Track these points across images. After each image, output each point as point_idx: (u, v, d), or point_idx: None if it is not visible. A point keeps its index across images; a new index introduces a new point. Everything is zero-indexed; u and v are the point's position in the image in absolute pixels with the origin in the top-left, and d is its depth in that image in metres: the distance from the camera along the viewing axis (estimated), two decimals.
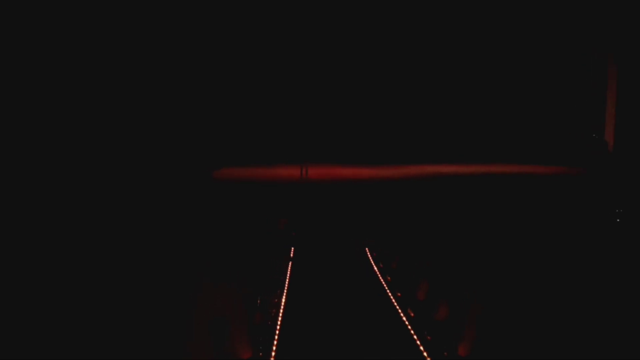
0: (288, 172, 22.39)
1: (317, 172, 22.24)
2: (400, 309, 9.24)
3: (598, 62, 27.40)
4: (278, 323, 8.66)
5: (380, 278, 11.26)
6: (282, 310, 9.27)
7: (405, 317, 8.87)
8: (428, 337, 7.97)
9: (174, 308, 7.69)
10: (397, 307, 9.41)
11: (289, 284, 10.88)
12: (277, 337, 8.10)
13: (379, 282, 11.05)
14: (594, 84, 27.64)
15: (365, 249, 13.64)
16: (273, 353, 7.55)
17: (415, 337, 8.03)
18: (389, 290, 10.35)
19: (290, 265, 12.37)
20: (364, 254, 13.33)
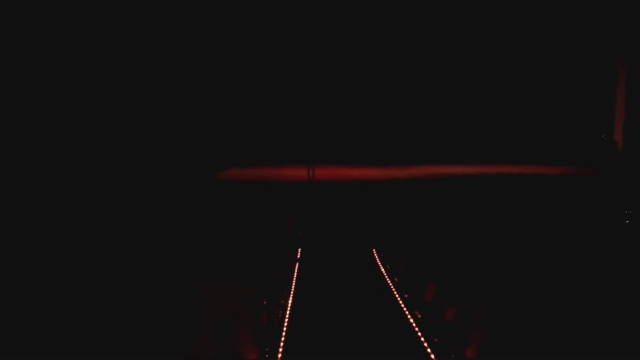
0: (295, 172, 22.37)
1: (324, 172, 22.21)
2: (408, 311, 9.20)
3: (606, 62, 27.20)
4: (285, 324, 8.63)
5: (388, 279, 11.21)
6: (288, 311, 9.24)
7: (413, 318, 8.82)
8: (435, 339, 7.92)
9: (180, 309, 7.68)
10: (404, 308, 9.36)
11: (296, 285, 10.85)
12: (283, 338, 8.07)
13: (386, 283, 11.01)
14: (603, 84, 27.44)
15: (373, 250, 13.59)
16: (279, 355, 7.52)
17: (423, 339, 7.99)
18: (396, 292, 10.30)
19: (297, 266, 12.34)
20: (371, 255, 13.28)
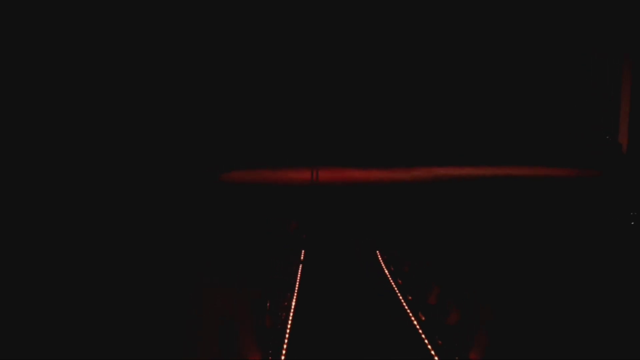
0: (298, 174, 22.36)
1: (327, 174, 22.19)
2: (411, 313, 9.16)
3: (606, 62, 27.12)
4: (288, 326, 8.61)
5: (391, 281, 11.18)
6: (292, 314, 9.22)
7: (416, 321, 8.79)
8: (439, 341, 7.88)
9: (182, 311, 7.67)
10: (408, 310, 9.33)
11: (299, 287, 10.83)
12: (286, 340, 8.04)
13: (390, 285, 10.97)
14: (607, 85, 27.36)
15: (376, 252, 13.56)
16: (282, 357, 7.49)
17: (427, 341, 7.94)
18: (400, 294, 10.27)
19: (301, 268, 12.33)
20: (375, 257, 13.26)
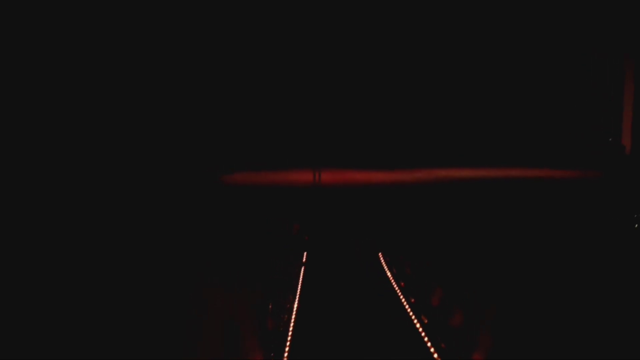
0: (301, 176, 22.36)
1: (330, 176, 22.19)
2: (414, 315, 9.13)
3: (606, 62, 27.06)
4: (290, 328, 8.59)
5: (394, 283, 11.16)
6: (294, 315, 9.20)
7: (419, 323, 8.76)
8: (442, 344, 7.85)
9: (185, 312, 7.66)
10: (410, 313, 9.30)
11: (302, 289, 10.82)
12: (289, 342, 8.03)
13: (392, 287, 10.95)
14: (609, 87, 27.30)
15: (379, 254, 13.54)
16: (285, 359, 7.49)
17: (429, 344, 7.92)
18: (403, 296, 10.24)
19: (303, 270, 12.31)
20: (377, 259, 13.23)
